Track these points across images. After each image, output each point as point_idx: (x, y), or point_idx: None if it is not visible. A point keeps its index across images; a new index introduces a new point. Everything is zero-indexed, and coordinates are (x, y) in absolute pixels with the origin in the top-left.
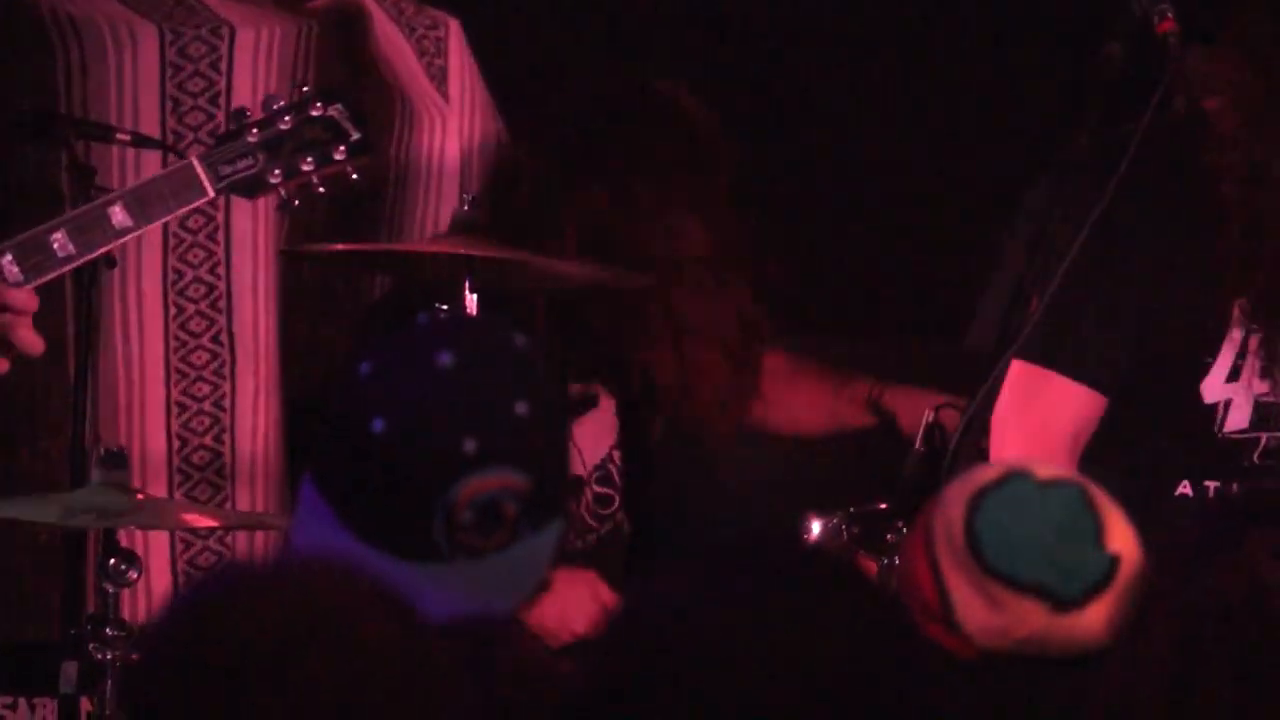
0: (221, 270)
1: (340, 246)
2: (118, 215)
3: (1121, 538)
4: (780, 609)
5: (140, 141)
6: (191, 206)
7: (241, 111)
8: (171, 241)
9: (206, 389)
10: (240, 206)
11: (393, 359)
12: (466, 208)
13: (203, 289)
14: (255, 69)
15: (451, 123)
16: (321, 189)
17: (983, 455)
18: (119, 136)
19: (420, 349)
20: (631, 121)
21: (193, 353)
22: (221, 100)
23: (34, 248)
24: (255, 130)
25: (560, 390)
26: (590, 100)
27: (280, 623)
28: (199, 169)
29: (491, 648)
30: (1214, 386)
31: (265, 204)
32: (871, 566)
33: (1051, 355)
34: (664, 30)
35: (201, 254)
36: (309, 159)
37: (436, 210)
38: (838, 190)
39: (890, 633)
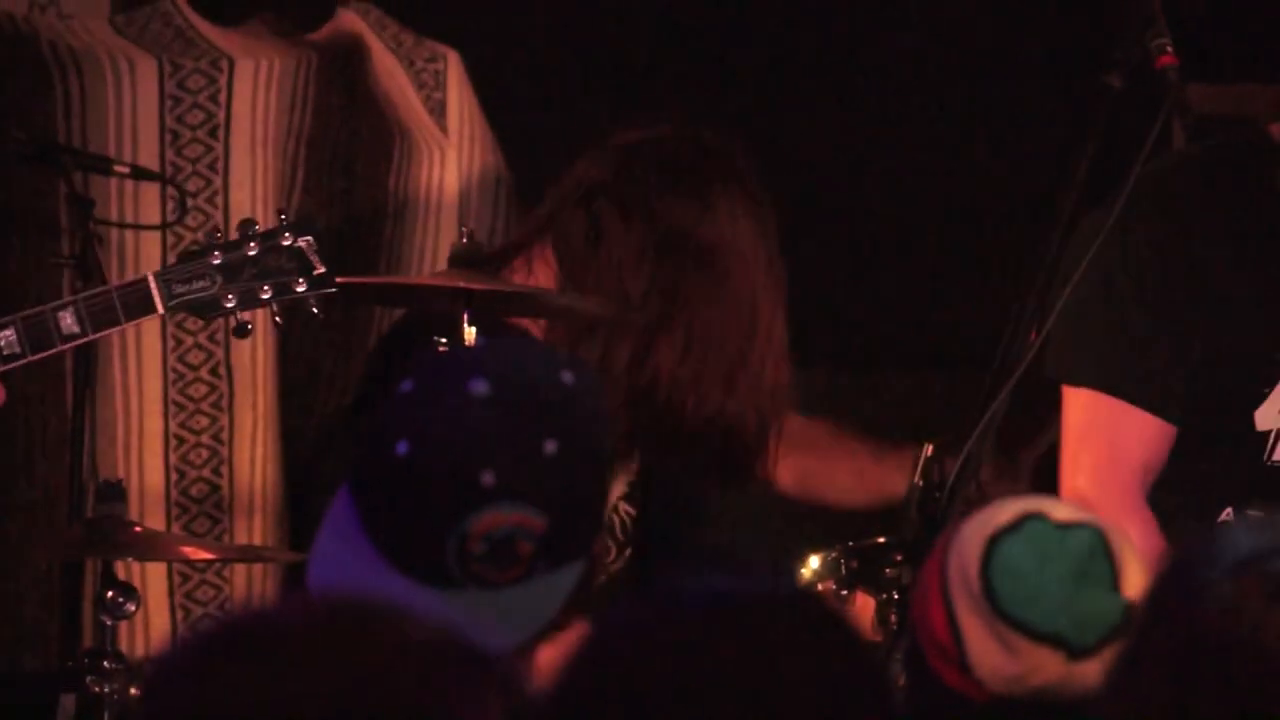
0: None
1: (339, 279)
2: (67, 321)
3: (1135, 581)
4: (739, 647)
5: (139, 174)
6: (139, 321)
7: (213, 231)
8: None
9: (205, 422)
10: None
11: (430, 380)
12: (465, 240)
13: (201, 322)
14: (254, 102)
15: (450, 156)
16: (278, 320)
17: (983, 494)
18: (118, 169)
19: (457, 374)
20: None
21: (191, 385)
22: (220, 133)
23: None
24: (218, 253)
25: (603, 433)
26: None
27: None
28: (152, 286)
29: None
30: (1268, 415)
31: None
32: (870, 601)
33: (1123, 384)
34: (662, 62)
35: None
36: (266, 287)
37: (435, 243)
38: (839, 223)
39: (854, 670)
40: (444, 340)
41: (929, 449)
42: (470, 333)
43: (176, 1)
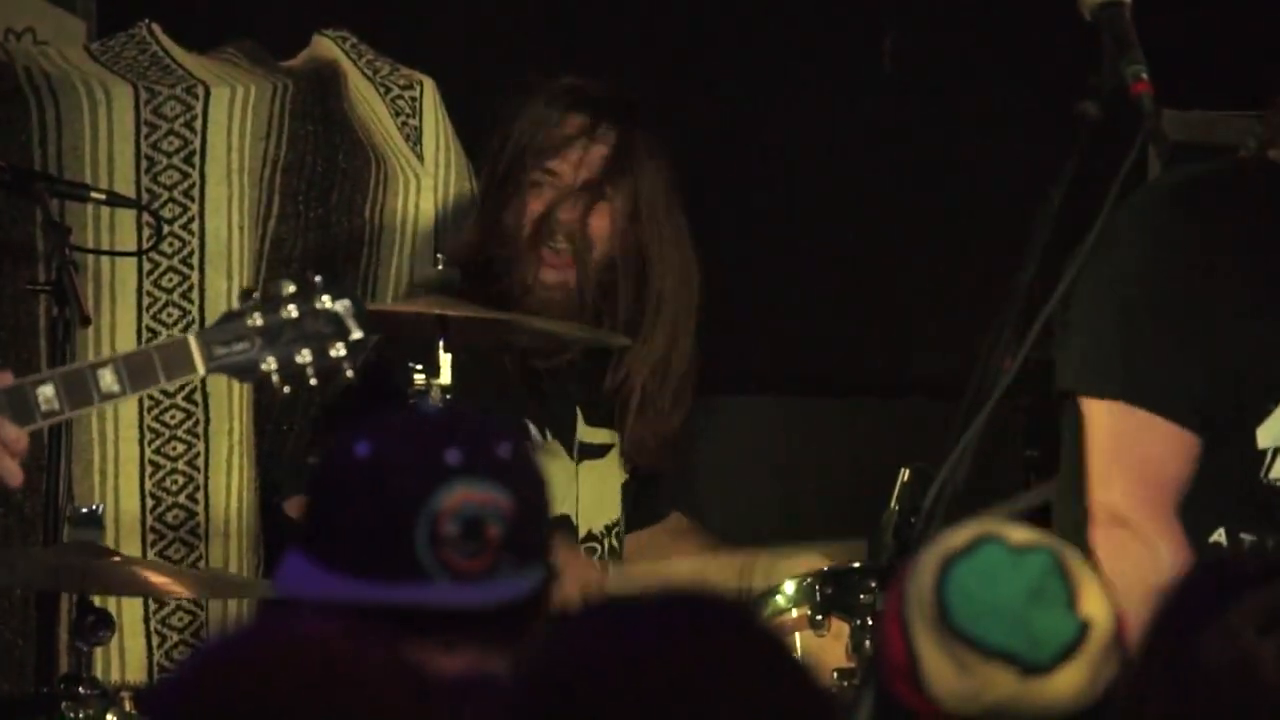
0: (196, 329)
1: None
2: (107, 379)
3: (1094, 602)
4: (680, 665)
5: (115, 200)
6: (180, 380)
7: (248, 293)
8: (145, 300)
9: (180, 448)
10: (214, 264)
11: (380, 409)
12: (441, 267)
13: None
14: (230, 129)
15: (426, 183)
16: (315, 381)
17: (953, 519)
18: (94, 195)
19: (408, 408)
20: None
21: (166, 411)
22: (196, 160)
23: (19, 399)
24: (258, 315)
25: (540, 461)
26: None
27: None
28: (194, 347)
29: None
30: (1270, 432)
31: (239, 266)
32: (844, 627)
33: (1149, 395)
34: (639, 90)
35: (176, 313)
36: (305, 351)
37: (411, 270)
38: (816, 250)
39: (789, 690)
40: (419, 366)
41: (905, 475)
42: (445, 359)
43: (152, 28)
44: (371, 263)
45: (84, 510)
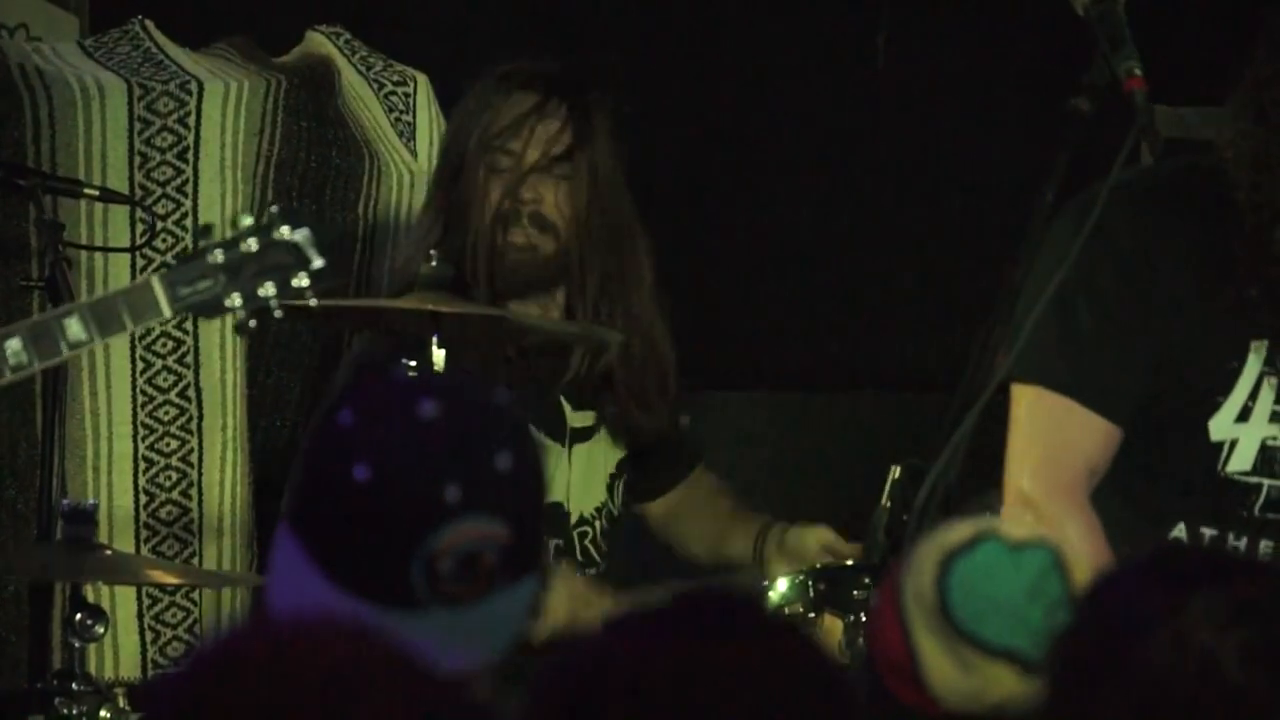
0: (189, 325)
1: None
2: (73, 328)
3: None
4: (706, 662)
5: (108, 196)
6: (147, 324)
7: (207, 229)
8: None
9: (174, 444)
10: None
11: (374, 407)
12: (434, 264)
13: (170, 344)
14: (223, 125)
15: (419, 179)
16: (279, 314)
17: (952, 509)
18: (87, 191)
19: (402, 398)
20: None
21: (160, 407)
22: (189, 156)
23: None
24: (218, 251)
25: (537, 447)
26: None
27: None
28: (158, 288)
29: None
30: (1222, 425)
31: None
32: (837, 623)
33: (1070, 382)
34: (629, 88)
35: None
36: (268, 284)
37: (404, 266)
38: (811, 247)
39: (816, 688)
40: (412, 363)
41: (896, 472)
42: (439, 355)
43: (146, 24)
44: (364, 258)
45: (77, 506)
